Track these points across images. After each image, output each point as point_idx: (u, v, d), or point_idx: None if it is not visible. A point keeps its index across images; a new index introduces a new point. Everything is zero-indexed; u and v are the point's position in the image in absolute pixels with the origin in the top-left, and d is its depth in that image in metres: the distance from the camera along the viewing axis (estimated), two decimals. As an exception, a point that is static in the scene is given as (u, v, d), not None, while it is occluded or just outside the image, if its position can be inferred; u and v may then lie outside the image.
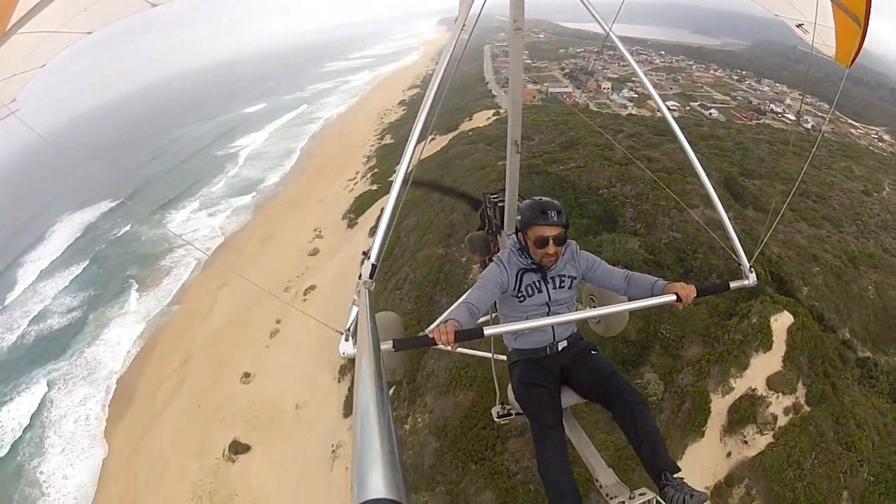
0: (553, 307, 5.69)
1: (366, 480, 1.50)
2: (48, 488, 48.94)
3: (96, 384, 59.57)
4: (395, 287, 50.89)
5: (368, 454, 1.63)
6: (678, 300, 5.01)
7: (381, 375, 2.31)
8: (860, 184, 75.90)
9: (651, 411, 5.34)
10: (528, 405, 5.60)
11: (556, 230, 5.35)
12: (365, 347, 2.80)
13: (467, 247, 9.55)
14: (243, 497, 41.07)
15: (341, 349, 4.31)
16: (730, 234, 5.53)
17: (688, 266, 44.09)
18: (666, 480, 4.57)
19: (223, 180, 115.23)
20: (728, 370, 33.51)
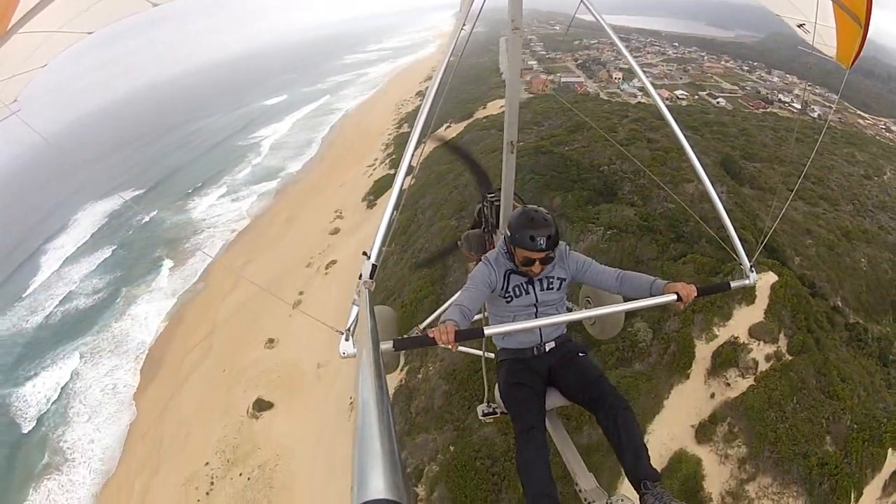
0: (541, 308, 5.72)
1: (366, 480, 1.55)
2: (73, 454, 51.34)
3: (124, 355, 62.48)
4: (413, 256, 54.32)
5: (368, 454, 1.68)
6: (679, 300, 5.08)
7: (381, 375, 2.40)
8: (861, 168, 76.46)
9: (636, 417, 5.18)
10: (512, 405, 5.62)
11: (544, 254, 5.35)
12: (365, 347, 2.89)
13: (463, 245, 9.47)
14: (266, 450, 43.88)
15: (341, 349, 4.30)
16: (730, 234, 5.63)
17: (679, 231, 46.40)
18: (646, 489, 4.61)
19: (246, 169, 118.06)
20: (711, 319, 35.98)
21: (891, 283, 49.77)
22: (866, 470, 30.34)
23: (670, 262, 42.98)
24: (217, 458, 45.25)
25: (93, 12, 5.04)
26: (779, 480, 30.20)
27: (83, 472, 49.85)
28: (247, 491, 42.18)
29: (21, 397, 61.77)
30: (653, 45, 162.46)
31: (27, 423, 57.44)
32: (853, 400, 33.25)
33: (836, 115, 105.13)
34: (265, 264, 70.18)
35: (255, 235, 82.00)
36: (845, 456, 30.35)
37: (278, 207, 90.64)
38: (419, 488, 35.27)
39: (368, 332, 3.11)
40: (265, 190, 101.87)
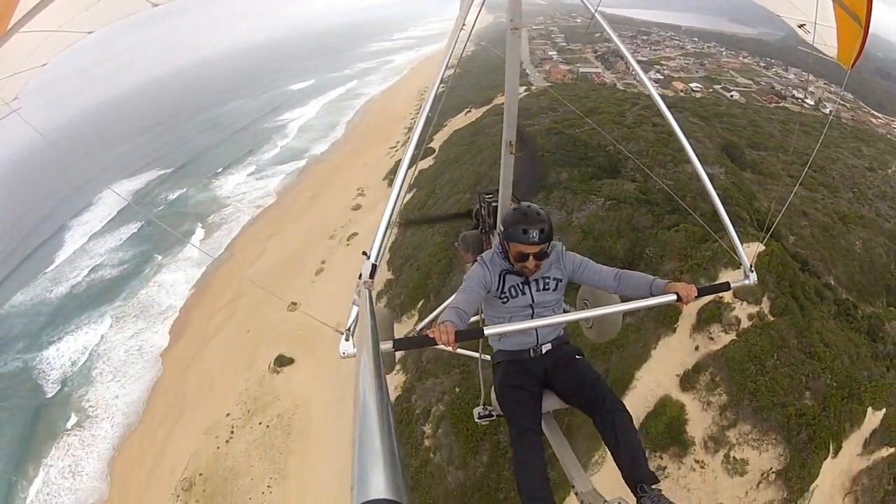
0: (537, 309, 5.75)
1: (366, 480, 1.53)
2: (96, 411, 53.89)
3: (150, 319, 65.29)
4: (429, 227, 57.38)
5: (368, 454, 1.66)
6: (679, 300, 5.11)
7: (381, 375, 2.36)
8: (866, 161, 76.58)
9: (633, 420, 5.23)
10: (508, 407, 5.62)
11: (537, 248, 5.42)
12: (365, 347, 2.86)
13: (461, 246, 9.66)
14: (285, 400, 46.71)
15: (341, 349, 4.36)
16: (730, 234, 5.66)
17: (675, 206, 47.73)
18: (642, 492, 4.64)
19: (273, 150, 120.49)
20: (698, 280, 37.31)
21: (885, 268, 50.56)
22: (845, 424, 31.57)
23: (664, 231, 45.12)
24: (238, 408, 47.89)
25: (93, 12, 5.26)
26: (758, 428, 31.59)
27: (105, 426, 52.18)
28: (265, 437, 44.77)
29: (45, 360, 63.79)
30: (672, 39, 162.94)
31: (51, 385, 59.52)
32: (835, 362, 34.52)
33: (848, 112, 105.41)
34: (290, 236, 73.58)
35: (280, 210, 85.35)
36: (823, 409, 31.48)
37: (303, 185, 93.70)
38: (426, 427, 38.06)
39: (369, 332, 3.14)
40: (291, 170, 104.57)
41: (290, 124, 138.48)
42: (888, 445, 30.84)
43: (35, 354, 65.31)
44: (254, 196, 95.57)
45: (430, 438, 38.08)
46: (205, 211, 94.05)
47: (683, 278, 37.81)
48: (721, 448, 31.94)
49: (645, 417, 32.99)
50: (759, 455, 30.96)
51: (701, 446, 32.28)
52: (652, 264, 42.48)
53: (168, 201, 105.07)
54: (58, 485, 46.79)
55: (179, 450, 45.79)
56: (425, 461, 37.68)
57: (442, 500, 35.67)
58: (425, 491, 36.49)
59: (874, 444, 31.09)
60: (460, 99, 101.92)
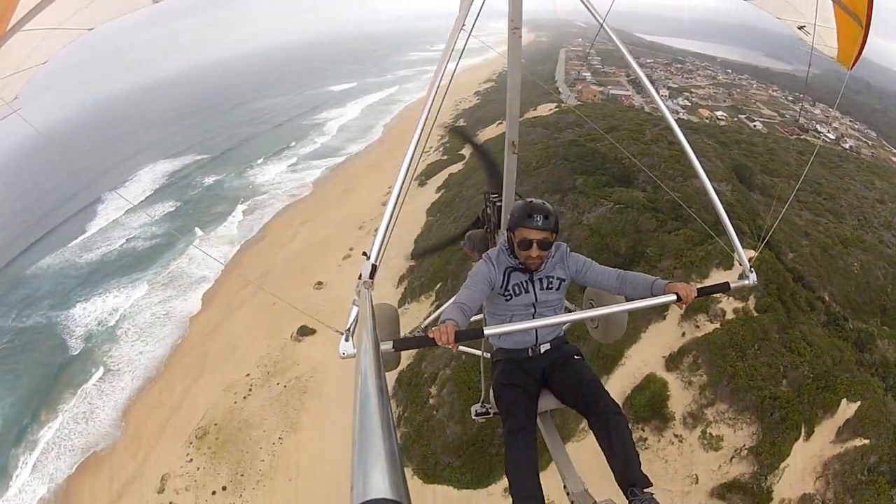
0: (539, 308, 5.78)
1: (366, 480, 1.53)
2: (118, 365, 56.41)
3: (179, 288, 68.02)
4: (453, 221, 62.32)
5: (368, 454, 1.66)
6: (679, 300, 5.10)
7: (381, 376, 2.34)
8: (877, 194, 77.03)
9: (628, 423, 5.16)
10: (503, 405, 5.64)
11: (541, 234, 5.45)
12: (365, 347, 2.82)
13: (466, 245, 9.82)
14: (303, 366, 49.66)
15: (341, 349, 4.20)
16: (730, 235, 5.72)
17: (678, 213, 51.11)
18: (634, 495, 4.66)
19: (311, 146, 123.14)
20: (689, 276, 40.84)
21: (882, 289, 51.94)
22: (818, 410, 34.00)
23: (665, 234, 48.28)
24: (258, 370, 50.88)
25: (93, 9, 5.25)
26: (734, 407, 34.26)
27: (126, 379, 54.69)
28: (281, 396, 47.75)
29: (71, 318, 66.14)
30: (706, 69, 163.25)
31: (74, 341, 61.56)
32: (816, 361, 36.83)
33: (869, 149, 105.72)
34: (321, 224, 77.06)
35: (314, 201, 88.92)
36: (798, 395, 34.13)
37: (338, 180, 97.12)
38: (432, 388, 41.31)
39: (368, 332, 3.08)
40: (327, 165, 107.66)
41: (329, 123, 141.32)
42: (861, 436, 32.68)
43: (61, 312, 67.68)
44: (289, 186, 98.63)
45: (435, 398, 41.11)
46: (240, 197, 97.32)
47: (676, 274, 41.06)
48: (699, 424, 34.60)
49: (631, 391, 35.55)
50: (733, 433, 33.57)
51: (680, 422, 34.98)
52: (651, 262, 45.41)
53: (204, 185, 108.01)
54: (70, 429, 49.24)
55: (197, 403, 48.67)
56: (428, 417, 40.65)
57: (440, 450, 38.42)
58: (425, 443, 39.34)
59: (847, 433, 33.10)
60: (493, 112, 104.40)
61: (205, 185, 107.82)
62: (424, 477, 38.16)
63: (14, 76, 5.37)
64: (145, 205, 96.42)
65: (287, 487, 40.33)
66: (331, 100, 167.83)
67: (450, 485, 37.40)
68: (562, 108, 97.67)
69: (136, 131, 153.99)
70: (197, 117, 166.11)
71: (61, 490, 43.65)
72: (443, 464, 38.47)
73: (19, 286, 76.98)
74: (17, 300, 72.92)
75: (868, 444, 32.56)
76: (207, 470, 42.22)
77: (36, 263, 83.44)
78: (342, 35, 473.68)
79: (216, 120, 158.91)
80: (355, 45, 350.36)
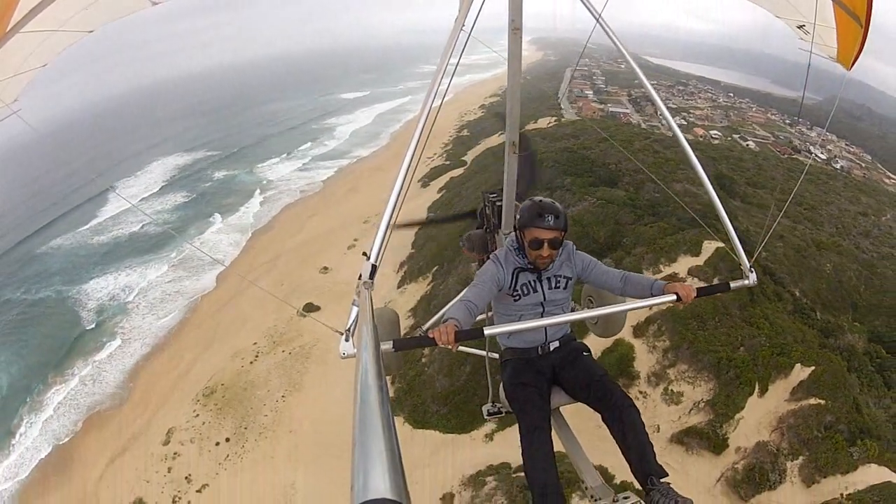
0: (548, 307, 5.83)
1: (366, 480, 1.54)
2: (128, 335, 59.26)
3: (191, 269, 70.97)
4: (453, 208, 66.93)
5: (368, 454, 1.68)
6: (678, 300, 5.26)
7: (381, 375, 2.37)
8: (861, 207, 79.57)
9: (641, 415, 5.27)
10: (517, 404, 5.69)
11: (552, 234, 5.49)
12: (365, 347, 2.85)
13: (465, 245, 9.84)
14: (306, 337, 52.60)
15: (341, 349, 4.25)
16: (730, 235, 5.85)
17: (656, 210, 55.46)
18: (652, 485, 4.72)
19: (321, 149, 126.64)
20: (659, 259, 45.13)
21: (855, 289, 54.12)
22: (772, 371, 36.42)
23: (641, 226, 52.16)
24: (265, 339, 54.05)
25: (92, 11, 5.34)
26: (693, 367, 37.25)
27: (136, 346, 57.30)
28: (286, 362, 50.92)
29: (84, 292, 69.08)
30: (707, 91, 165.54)
31: (86, 312, 64.35)
32: (776, 337, 39.15)
33: (861, 170, 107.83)
34: (327, 217, 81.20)
35: (322, 197, 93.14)
36: (753, 359, 36.81)
37: (345, 180, 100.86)
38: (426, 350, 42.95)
39: (368, 332, 3.11)
40: (336, 166, 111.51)
41: (340, 128, 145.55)
42: (817, 397, 34.71)
43: (73, 287, 70.38)
44: (299, 184, 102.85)
45: (427, 356, 44.90)
46: (254, 189, 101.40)
47: (647, 258, 44.97)
48: (661, 382, 37.86)
49: (601, 353, 38.07)
50: (692, 389, 36.63)
51: (645, 380, 38.32)
52: (626, 248, 49.40)
53: (215, 179, 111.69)
54: (77, 390, 52.09)
55: (205, 369, 51.70)
56: (420, 372, 44.60)
57: (430, 400, 42.25)
58: (416, 394, 43.18)
59: (801, 393, 35.28)
60: (496, 124, 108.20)
61: (216, 180, 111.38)
62: (414, 423, 41.37)
63: (14, 78, 5.46)
64: (158, 195, 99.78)
65: (288, 438, 42.99)
66: (344, 106, 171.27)
67: (437, 430, 40.52)
68: (560, 122, 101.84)
69: (150, 126, 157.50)
70: (211, 116, 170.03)
71: (66, 445, 46.14)
72: (431, 412, 42.01)
73: (31, 263, 79.70)
74: (29, 276, 75.53)
75: (823, 404, 34.47)
76: (212, 424, 44.96)
77: (48, 243, 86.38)
78: (355, 45, 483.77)
79: (230, 120, 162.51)
80: (368, 55, 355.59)
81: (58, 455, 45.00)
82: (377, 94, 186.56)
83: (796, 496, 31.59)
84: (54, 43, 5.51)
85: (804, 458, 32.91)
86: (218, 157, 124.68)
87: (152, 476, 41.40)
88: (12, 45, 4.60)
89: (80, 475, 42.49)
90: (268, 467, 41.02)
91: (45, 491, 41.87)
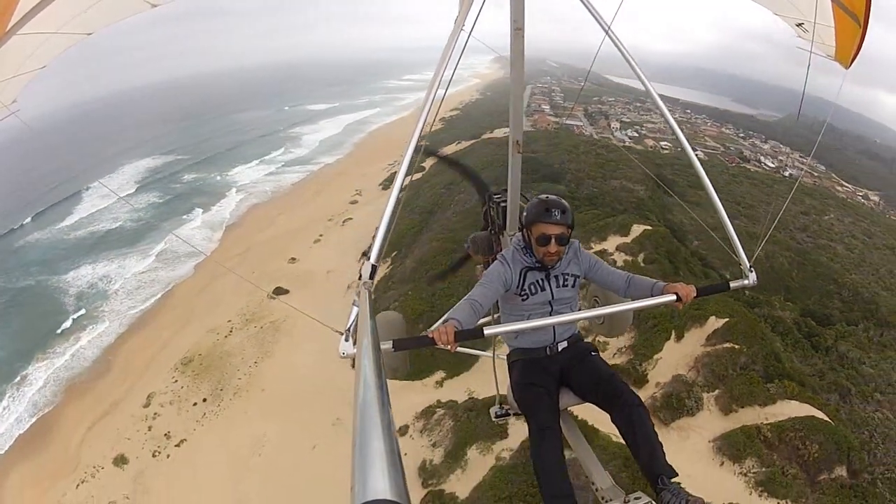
0: (556, 306, 5.83)
1: (366, 480, 1.52)
2: (108, 317, 62.07)
3: (167, 260, 74.72)
4: (412, 207, 72.11)
5: (368, 454, 1.65)
6: (678, 300, 5.36)
7: (381, 375, 2.35)
8: (803, 208, 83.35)
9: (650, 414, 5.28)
10: (526, 405, 5.69)
11: (559, 229, 5.52)
12: (365, 347, 2.84)
13: (470, 247, 9.72)
14: (277, 314, 56.17)
15: (341, 349, 4.30)
16: (730, 235, 5.93)
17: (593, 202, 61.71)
18: (663, 484, 4.74)
19: (288, 156, 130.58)
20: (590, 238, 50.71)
21: (787, 273, 57.47)
22: (687, 321, 39.10)
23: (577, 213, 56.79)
24: (238, 318, 57.50)
25: (91, 13, 5.30)
26: None
27: (115, 326, 60.12)
28: (258, 334, 54.48)
29: (64, 281, 71.48)
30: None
31: (68, 299, 66.87)
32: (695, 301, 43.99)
33: (813, 179, 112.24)
34: (294, 216, 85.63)
35: (289, 199, 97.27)
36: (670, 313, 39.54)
37: (311, 183, 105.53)
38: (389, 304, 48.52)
39: (368, 332, 3.09)
40: (302, 171, 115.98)
41: (307, 137, 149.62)
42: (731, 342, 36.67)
43: (52, 277, 72.62)
44: (268, 187, 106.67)
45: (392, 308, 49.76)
46: (222, 192, 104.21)
47: (580, 236, 50.72)
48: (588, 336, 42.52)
49: None
50: (616, 339, 39.70)
51: None
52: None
53: (188, 181, 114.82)
54: (59, 367, 54.31)
55: (183, 342, 54.95)
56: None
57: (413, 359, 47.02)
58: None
59: (717, 339, 37.40)
60: (454, 134, 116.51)
61: (189, 182, 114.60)
62: (367, 373, 45.93)
63: (14, 79, 5.46)
64: (131, 196, 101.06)
65: (261, 396, 46.76)
66: (312, 117, 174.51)
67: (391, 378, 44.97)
68: None
69: (123, 132, 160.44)
70: (183, 123, 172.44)
71: (47, 416, 48.58)
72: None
73: (9, 258, 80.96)
74: (8, 267, 77.32)
75: (738, 347, 36.29)
76: (190, 388, 48.29)
77: (25, 238, 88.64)
78: (325, 59, 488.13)
79: (202, 126, 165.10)
80: (339, 69, 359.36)
81: (39, 425, 47.52)
82: (344, 107, 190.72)
83: (714, 422, 33.38)
84: (53, 45, 5.55)
85: (720, 391, 34.95)
86: (191, 162, 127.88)
87: (133, 434, 44.09)
88: (12, 47, 4.65)
89: (62, 439, 45.09)
90: (242, 421, 44.28)
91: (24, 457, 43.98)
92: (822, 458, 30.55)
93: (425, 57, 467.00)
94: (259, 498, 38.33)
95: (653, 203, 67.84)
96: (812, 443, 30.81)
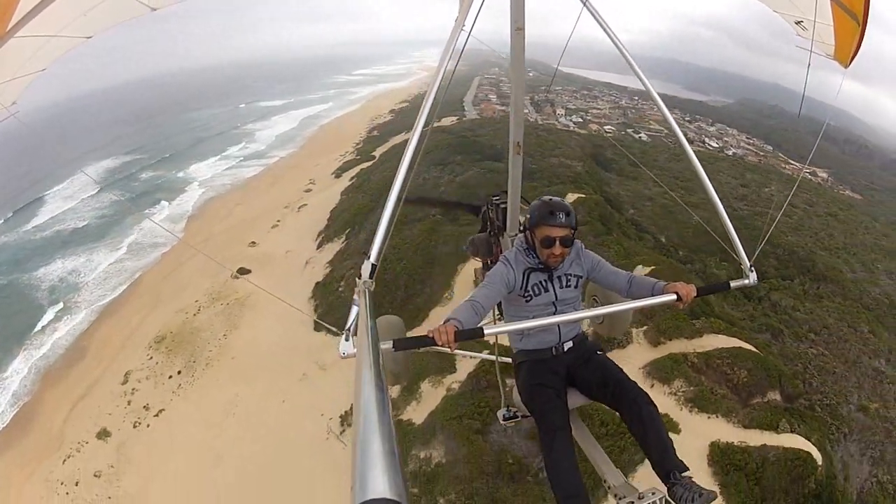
0: (559, 307, 5.83)
1: (366, 480, 1.55)
2: (80, 306, 64.01)
3: (134, 252, 77.13)
4: (363, 192, 76.85)
5: (368, 454, 1.69)
6: (679, 299, 5.25)
7: (380, 375, 2.39)
8: (743, 182, 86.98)
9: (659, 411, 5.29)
10: (535, 407, 5.67)
11: (563, 231, 5.49)
12: (365, 347, 2.88)
13: (469, 249, 9.56)
14: (241, 292, 59.17)
15: (341, 349, 4.25)
16: (730, 234, 5.93)
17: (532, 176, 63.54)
18: (675, 479, 4.73)
19: (243, 151, 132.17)
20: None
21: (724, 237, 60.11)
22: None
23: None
24: (205, 297, 60.64)
25: (91, 16, 5.30)
26: None
27: (87, 314, 62.26)
28: (225, 311, 57.68)
29: (35, 277, 72.35)
30: (611, 95, 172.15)
31: (41, 293, 68.04)
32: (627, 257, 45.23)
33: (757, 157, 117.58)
34: (252, 205, 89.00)
35: (246, 190, 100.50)
36: None
37: (266, 175, 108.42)
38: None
39: (368, 332, 3.12)
40: (257, 165, 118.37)
41: (259, 133, 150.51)
42: None
43: (23, 275, 73.24)
44: (225, 181, 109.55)
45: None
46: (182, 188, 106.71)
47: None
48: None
49: None
50: None
51: None
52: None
53: (142, 179, 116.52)
54: (37, 356, 55.66)
55: (154, 323, 57.44)
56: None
57: None
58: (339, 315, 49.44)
59: None
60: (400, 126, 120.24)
61: (147, 180, 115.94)
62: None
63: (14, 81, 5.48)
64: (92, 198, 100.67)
65: (231, 364, 50.06)
66: (264, 114, 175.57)
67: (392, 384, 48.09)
68: (461, 120, 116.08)
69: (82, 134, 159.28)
70: (141, 124, 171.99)
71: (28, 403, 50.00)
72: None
73: None
74: None
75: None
76: (165, 363, 51.21)
77: None
78: (280, 56, 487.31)
79: (160, 127, 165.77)
80: (290, 66, 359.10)
81: (21, 415, 48.82)
82: (297, 102, 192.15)
83: (643, 353, 36.41)
84: (53, 47, 5.57)
85: (648, 326, 38.18)
86: (151, 161, 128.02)
87: (114, 409, 46.59)
88: (12, 49, 4.63)
89: (45, 422, 47.09)
90: (215, 387, 47.63)
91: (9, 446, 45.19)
92: (753, 383, 33.66)
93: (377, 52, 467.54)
94: (233, 450, 41.52)
95: (589, 177, 70.59)
96: (740, 369, 34.07)
